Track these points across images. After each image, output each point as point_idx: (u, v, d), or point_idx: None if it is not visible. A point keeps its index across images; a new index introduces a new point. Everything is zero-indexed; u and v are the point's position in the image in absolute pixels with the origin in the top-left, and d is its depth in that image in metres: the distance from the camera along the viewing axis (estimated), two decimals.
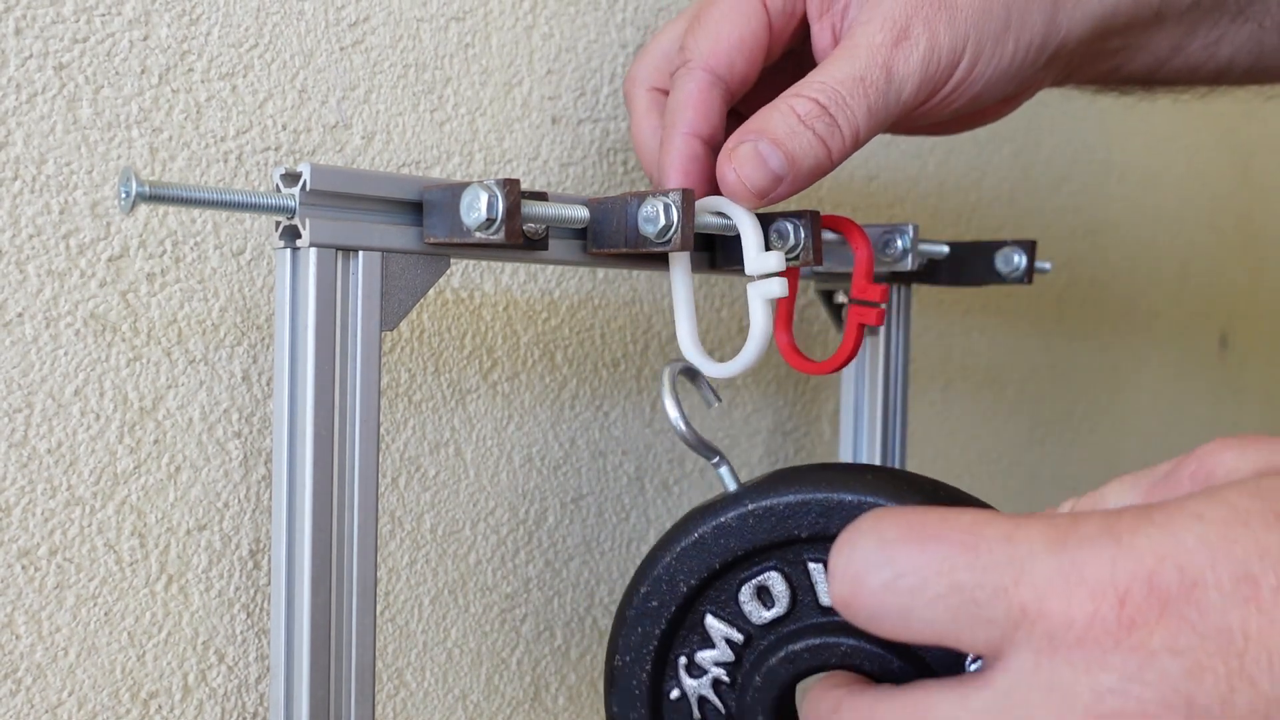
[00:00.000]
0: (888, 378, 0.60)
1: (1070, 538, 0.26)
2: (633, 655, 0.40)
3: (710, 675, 0.39)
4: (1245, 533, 0.25)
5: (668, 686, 0.40)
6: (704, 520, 0.39)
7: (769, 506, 0.38)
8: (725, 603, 0.39)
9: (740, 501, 0.38)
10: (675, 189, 0.40)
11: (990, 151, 0.81)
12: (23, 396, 0.38)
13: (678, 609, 0.39)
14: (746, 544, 0.38)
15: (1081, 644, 0.25)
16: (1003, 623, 0.26)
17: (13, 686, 0.38)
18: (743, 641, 0.39)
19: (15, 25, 0.37)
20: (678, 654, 0.40)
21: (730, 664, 0.39)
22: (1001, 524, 0.28)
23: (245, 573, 0.43)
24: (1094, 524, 0.26)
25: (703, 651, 0.39)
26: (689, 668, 0.39)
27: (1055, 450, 0.92)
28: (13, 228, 0.37)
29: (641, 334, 0.57)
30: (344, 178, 0.36)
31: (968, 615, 0.27)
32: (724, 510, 0.38)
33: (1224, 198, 1.12)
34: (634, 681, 0.40)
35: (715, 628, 0.39)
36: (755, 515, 0.38)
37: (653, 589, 0.39)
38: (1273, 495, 0.26)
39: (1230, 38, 0.49)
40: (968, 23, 0.42)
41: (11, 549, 0.38)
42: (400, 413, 0.47)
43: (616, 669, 0.40)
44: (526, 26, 0.51)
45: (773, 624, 0.38)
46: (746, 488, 0.39)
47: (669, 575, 0.39)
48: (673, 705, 0.40)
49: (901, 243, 0.53)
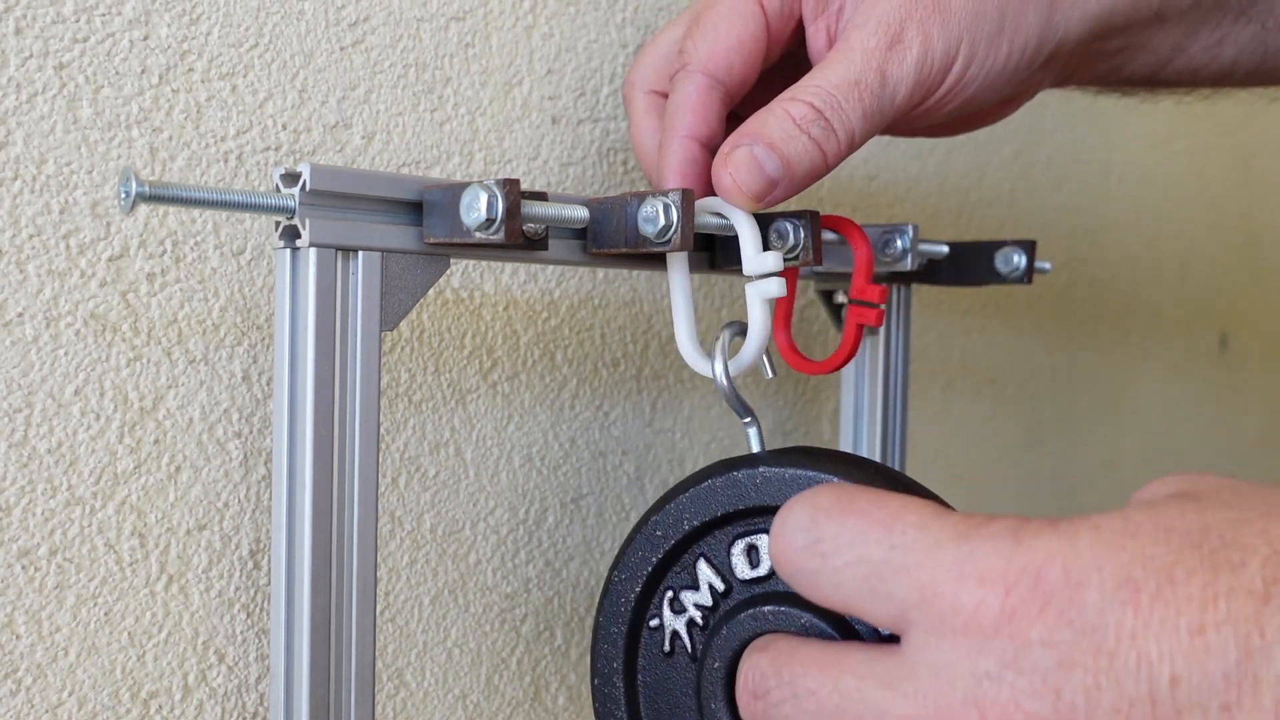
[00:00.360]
0: (888, 378, 0.60)
1: (977, 533, 0.28)
2: (628, 574, 0.43)
3: (688, 614, 0.42)
4: (1133, 542, 0.27)
5: (650, 614, 0.43)
6: (721, 471, 0.41)
7: (779, 474, 0.40)
8: (718, 551, 0.42)
9: (755, 463, 0.41)
10: (675, 189, 0.40)
11: (990, 151, 0.81)
12: (23, 396, 0.38)
13: (676, 544, 0.42)
14: (750, 502, 0.41)
15: (967, 629, 0.27)
16: (902, 600, 0.28)
17: (13, 686, 0.38)
18: (723, 591, 0.41)
19: (15, 25, 0.37)
20: (666, 586, 0.43)
21: (707, 609, 0.42)
22: (922, 512, 0.30)
23: (245, 573, 0.43)
24: (1003, 525, 0.28)
25: (687, 591, 0.42)
26: (672, 602, 0.42)
27: (1055, 450, 0.92)
28: (13, 227, 0.37)
29: (642, 334, 0.57)
30: (344, 178, 0.36)
31: (871, 588, 0.29)
32: (740, 466, 0.41)
33: (1224, 198, 1.12)
34: (623, 599, 0.43)
35: (704, 572, 0.42)
36: (764, 478, 0.40)
37: (660, 520, 0.42)
38: (1167, 512, 0.28)
39: (1233, 39, 0.49)
40: (961, 25, 0.42)
41: (11, 549, 0.38)
42: (400, 413, 0.47)
43: (612, 582, 0.43)
44: (526, 26, 0.51)
45: (752, 582, 0.41)
46: (767, 453, 0.42)
47: (677, 511, 0.42)
48: (650, 631, 0.43)
49: (901, 243, 0.53)
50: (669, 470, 0.59)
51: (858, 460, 0.41)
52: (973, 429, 0.82)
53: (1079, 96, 0.56)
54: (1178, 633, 0.25)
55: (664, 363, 0.58)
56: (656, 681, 0.43)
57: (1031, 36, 0.44)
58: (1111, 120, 0.94)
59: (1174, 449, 1.08)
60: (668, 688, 0.43)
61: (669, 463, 0.59)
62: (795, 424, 0.66)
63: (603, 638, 0.43)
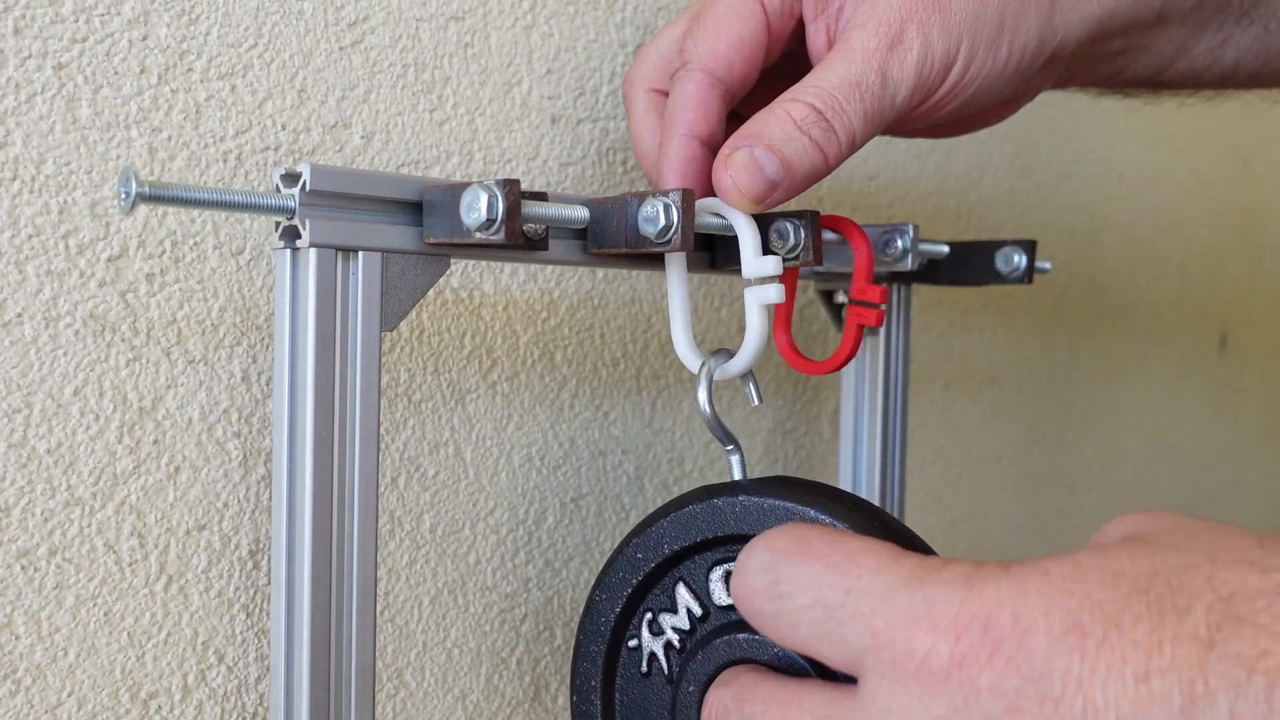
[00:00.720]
0: (888, 378, 0.60)
1: (931, 578, 0.29)
2: (609, 594, 0.43)
3: (666, 637, 0.43)
4: (1082, 588, 0.27)
5: (629, 634, 0.44)
6: (702, 497, 0.42)
7: (758, 504, 0.41)
8: (697, 576, 0.42)
9: (736, 491, 0.41)
10: (675, 189, 0.40)
11: (990, 151, 0.81)
12: (22, 397, 0.38)
13: (656, 568, 0.43)
14: (728, 530, 0.41)
15: (918, 674, 0.28)
16: (856, 644, 0.29)
17: (12, 687, 0.38)
18: (700, 616, 0.42)
19: (14, 25, 0.37)
20: (645, 608, 0.43)
21: (685, 632, 0.43)
22: (880, 555, 0.30)
23: (245, 573, 0.43)
24: (957, 570, 0.29)
25: (666, 614, 0.43)
26: (651, 624, 0.43)
27: (1055, 450, 0.92)
28: (12, 228, 0.37)
29: (642, 333, 0.57)
30: (344, 178, 0.36)
31: (827, 631, 0.30)
32: (720, 494, 0.41)
33: (1224, 198, 1.12)
34: (603, 618, 0.44)
35: (682, 596, 0.43)
36: (743, 507, 0.41)
37: (641, 542, 0.43)
38: (1117, 557, 0.28)
39: (1236, 40, 0.49)
40: (961, 26, 0.42)
41: (11, 549, 0.38)
42: (400, 412, 0.47)
43: (593, 601, 0.44)
44: (526, 26, 0.51)
45: (729, 608, 0.42)
46: (748, 481, 0.42)
47: (657, 535, 0.42)
48: (628, 651, 0.44)
49: (901, 243, 0.53)
50: (669, 470, 0.59)
51: (834, 493, 0.41)
52: (973, 429, 0.82)
53: (1079, 97, 0.56)
54: (1123, 679, 0.26)
55: (664, 363, 0.58)
56: (633, 701, 0.44)
57: (1031, 38, 0.44)
58: (1111, 120, 0.94)
59: (1174, 449, 1.08)
60: (644, 707, 0.44)
61: (669, 463, 0.59)
62: (795, 424, 0.66)
63: (582, 655, 0.44)
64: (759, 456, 0.64)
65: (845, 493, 0.42)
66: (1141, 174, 1.00)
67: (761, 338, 0.42)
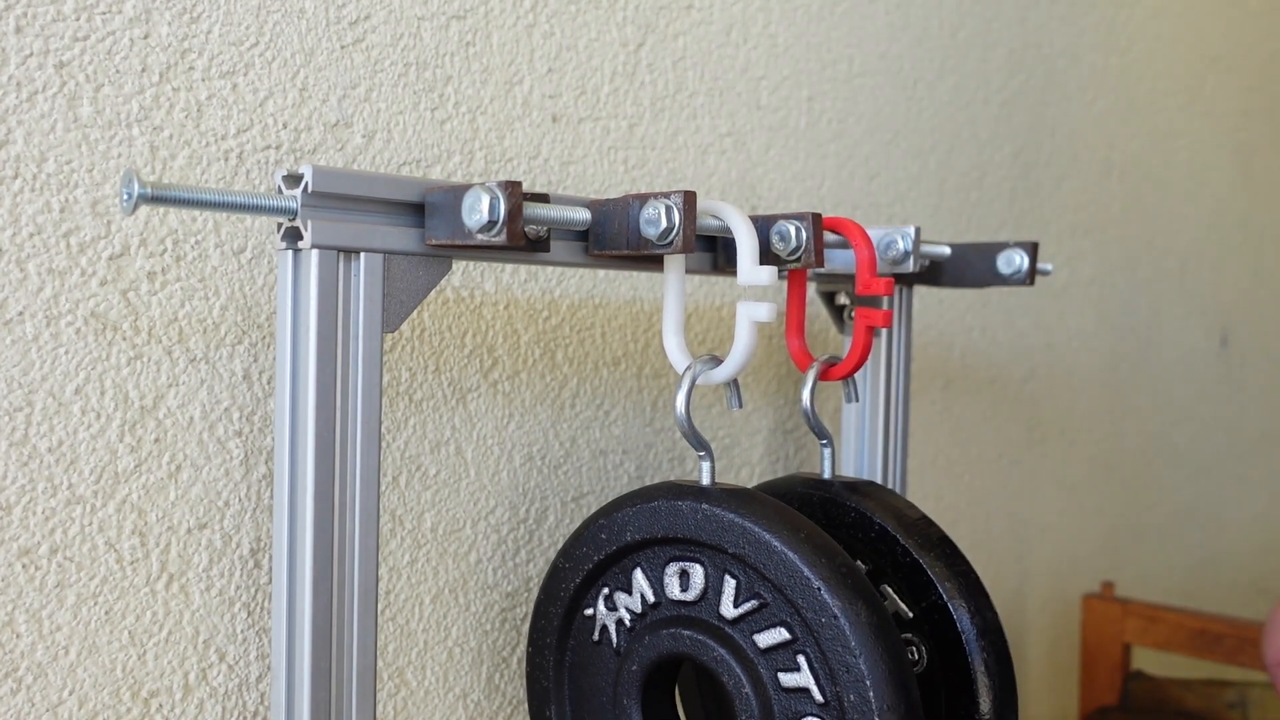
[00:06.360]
0: (888, 378, 0.60)
1: None
2: (572, 564, 0.46)
3: (618, 614, 0.45)
4: None
5: (586, 603, 0.46)
6: (669, 495, 0.44)
7: (718, 515, 0.42)
8: (654, 566, 0.45)
9: (700, 496, 0.43)
10: (676, 190, 0.40)
11: (991, 151, 0.81)
12: (23, 395, 0.38)
13: (618, 550, 0.45)
14: (688, 533, 0.43)
15: None
16: None
17: (14, 685, 0.38)
18: (652, 603, 0.44)
19: (16, 23, 0.37)
20: (604, 584, 0.46)
21: (636, 614, 0.45)
22: None
23: (246, 571, 0.43)
24: None
25: (621, 594, 0.45)
26: (607, 599, 0.46)
27: (1055, 450, 0.92)
28: (13, 226, 0.37)
29: (642, 333, 0.57)
30: (346, 179, 0.36)
31: None
32: (686, 497, 0.43)
33: (1224, 198, 1.12)
34: (564, 585, 0.46)
35: (638, 581, 0.45)
36: (705, 514, 0.42)
37: (606, 525, 0.45)
38: None
39: None
40: None
41: (12, 548, 0.38)
42: (401, 411, 0.47)
43: (556, 567, 0.46)
44: (527, 25, 0.51)
45: (679, 603, 0.44)
46: (717, 489, 0.44)
47: (621, 521, 0.45)
48: (583, 618, 0.46)
49: (903, 244, 0.53)
50: (669, 469, 0.59)
51: (792, 519, 0.42)
52: (973, 429, 0.82)
53: (1078, 96, 0.56)
54: None
55: (665, 362, 0.58)
56: (582, 662, 0.47)
57: None
58: (1112, 120, 0.94)
59: (1174, 449, 1.08)
60: (590, 670, 0.46)
61: (669, 461, 0.59)
62: (796, 423, 0.66)
63: (541, 614, 0.47)
64: (759, 455, 0.64)
65: (805, 521, 0.42)
66: (1141, 174, 1.00)
67: (749, 350, 0.42)
